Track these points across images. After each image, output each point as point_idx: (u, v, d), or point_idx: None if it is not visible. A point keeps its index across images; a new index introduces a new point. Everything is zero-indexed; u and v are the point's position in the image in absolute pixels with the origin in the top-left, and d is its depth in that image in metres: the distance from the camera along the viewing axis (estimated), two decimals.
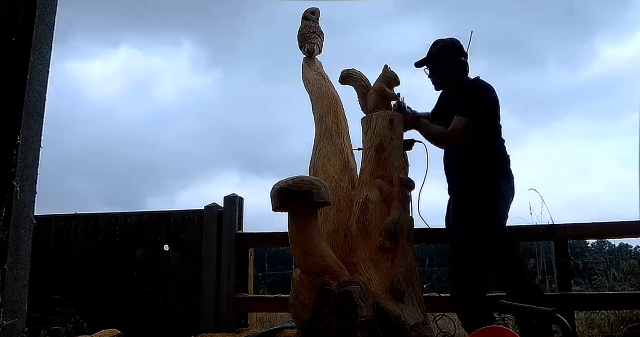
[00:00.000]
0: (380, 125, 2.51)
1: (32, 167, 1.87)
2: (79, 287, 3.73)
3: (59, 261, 3.82)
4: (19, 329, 1.78)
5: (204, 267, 3.46)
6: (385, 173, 2.42)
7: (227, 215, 3.48)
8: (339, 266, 2.08)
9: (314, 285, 1.95)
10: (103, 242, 3.80)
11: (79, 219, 3.89)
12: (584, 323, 3.37)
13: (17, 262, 1.78)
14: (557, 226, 2.98)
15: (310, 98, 2.93)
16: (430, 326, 2.28)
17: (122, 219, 3.81)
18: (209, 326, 3.31)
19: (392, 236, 2.26)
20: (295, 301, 2.00)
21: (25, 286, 1.84)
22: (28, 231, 1.84)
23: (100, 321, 3.60)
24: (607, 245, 6.01)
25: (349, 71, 2.84)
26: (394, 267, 2.21)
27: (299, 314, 1.98)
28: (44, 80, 1.95)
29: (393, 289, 2.14)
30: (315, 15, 3.07)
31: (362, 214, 2.35)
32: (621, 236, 3.10)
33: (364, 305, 1.96)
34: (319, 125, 2.78)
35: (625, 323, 3.12)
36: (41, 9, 1.95)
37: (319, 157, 2.65)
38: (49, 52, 1.97)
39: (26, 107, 1.86)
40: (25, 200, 1.82)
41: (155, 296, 3.62)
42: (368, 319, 1.95)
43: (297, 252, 1.99)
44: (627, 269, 4.19)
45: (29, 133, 1.87)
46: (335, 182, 2.55)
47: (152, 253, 3.70)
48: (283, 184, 1.93)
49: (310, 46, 3.00)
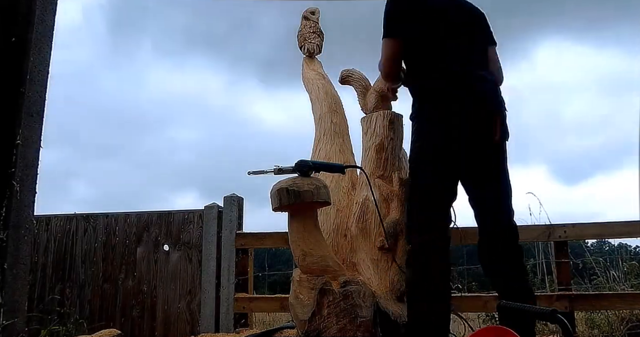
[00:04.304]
0: (380, 125, 2.51)
1: (32, 167, 1.87)
2: (79, 287, 3.73)
3: (59, 261, 3.82)
4: (19, 329, 1.78)
5: (204, 267, 3.46)
6: (385, 173, 2.42)
7: (227, 215, 3.48)
8: (339, 266, 2.08)
9: (314, 285, 1.95)
10: (103, 242, 3.80)
11: (79, 219, 3.89)
12: (584, 323, 3.37)
13: (17, 262, 1.78)
14: (557, 225, 2.99)
15: (310, 98, 2.93)
16: None
17: (122, 219, 3.81)
18: (209, 326, 3.32)
19: (392, 236, 2.26)
20: (295, 301, 2.00)
21: (25, 286, 1.84)
22: (28, 231, 1.84)
23: (100, 321, 3.61)
24: (607, 245, 6.01)
25: (349, 71, 2.84)
26: (394, 267, 2.21)
27: (299, 314, 1.97)
28: (44, 80, 1.95)
29: (393, 289, 2.15)
30: (315, 15, 3.07)
31: (362, 214, 2.35)
32: (621, 236, 3.10)
33: (364, 305, 1.96)
34: (319, 126, 2.78)
35: (625, 323, 3.12)
36: (41, 9, 1.95)
37: (318, 157, 2.65)
38: (49, 52, 1.98)
39: (26, 107, 1.86)
40: (25, 200, 1.83)
41: (155, 296, 3.62)
42: (368, 319, 1.95)
43: (297, 252, 1.99)
44: (627, 269, 4.18)
45: (29, 133, 1.87)
46: (335, 182, 2.56)
47: (152, 253, 3.70)
48: (283, 184, 1.93)
49: (311, 46, 3.00)
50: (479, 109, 1.98)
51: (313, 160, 2.43)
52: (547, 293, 3.16)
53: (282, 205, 1.93)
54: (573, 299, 2.88)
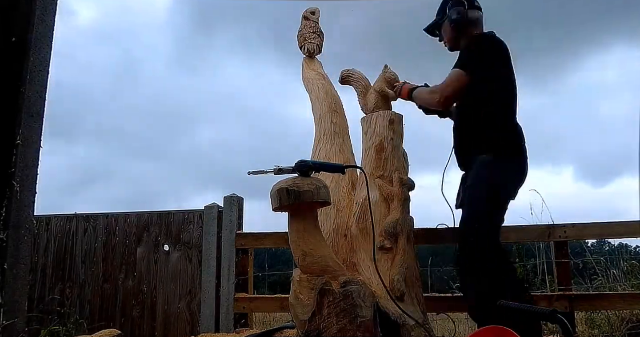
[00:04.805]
0: (380, 125, 2.51)
1: (32, 167, 1.87)
2: (79, 287, 3.73)
3: (59, 261, 3.82)
4: (19, 329, 1.78)
5: (204, 267, 3.46)
6: (385, 173, 2.42)
7: (227, 215, 3.48)
8: (339, 266, 2.08)
9: (314, 285, 1.95)
10: (103, 242, 3.80)
11: (79, 219, 3.89)
12: (584, 323, 3.38)
13: (17, 262, 1.78)
14: (557, 225, 2.99)
15: (310, 98, 2.93)
16: (430, 326, 2.28)
17: (122, 219, 3.81)
18: (209, 326, 3.32)
19: (392, 235, 2.26)
20: (295, 301, 2.00)
21: (25, 286, 1.84)
22: (28, 231, 1.84)
23: (100, 321, 3.61)
24: (607, 245, 6.00)
25: (349, 71, 2.85)
26: (394, 267, 2.21)
27: (299, 314, 1.97)
28: (44, 80, 1.95)
29: (393, 289, 2.15)
30: (315, 15, 3.07)
31: (362, 214, 2.35)
32: (621, 236, 3.10)
33: (364, 305, 1.96)
34: (319, 125, 2.78)
35: (625, 323, 3.12)
36: (41, 9, 1.95)
37: (318, 157, 2.65)
38: (49, 52, 1.97)
39: (26, 107, 1.86)
40: (25, 200, 1.83)
41: (155, 296, 3.62)
42: (368, 319, 1.95)
43: (297, 252, 1.99)
44: (627, 269, 4.18)
45: (29, 133, 1.87)
46: (335, 182, 2.56)
47: (152, 253, 3.70)
48: (283, 184, 1.93)
49: (311, 46, 3.00)
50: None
51: (313, 160, 2.43)
52: (547, 293, 3.16)
53: (282, 205, 1.93)
54: (573, 299, 2.88)
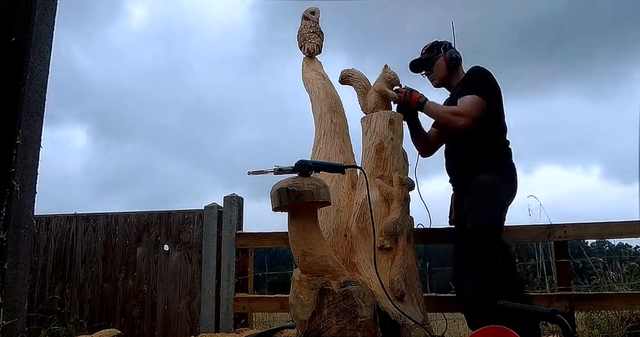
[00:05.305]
0: (380, 125, 2.51)
1: (32, 167, 1.87)
2: (79, 287, 3.73)
3: (59, 261, 3.82)
4: (19, 329, 1.78)
5: (204, 267, 3.46)
6: (385, 173, 2.42)
7: (227, 215, 3.48)
8: (339, 266, 2.08)
9: (314, 285, 1.95)
10: (103, 242, 3.80)
11: (79, 219, 3.89)
12: (584, 323, 3.38)
13: (17, 262, 1.78)
14: (557, 225, 2.99)
15: (310, 98, 2.93)
16: (430, 326, 2.28)
17: (122, 219, 3.81)
18: (209, 326, 3.32)
19: (392, 235, 2.26)
20: (295, 301, 2.00)
21: (25, 286, 1.84)
22: (28, 231, 1.84)
23: (100, 321, 3.61)
24: (607, 245, 6.01)
25: (349, 71, 2.84)
26: (394, 267, 2.21)
27: (299, 314, 1.98)
28: (44, 80, 1.94)
29: (393, 289, 2.15)
30: (315, 15, 3.07)
31: (362, 214, 2.35)
32: (621, 236, 3.10)
33: (364, 305, 1.96)
34: (319, 125, 2.78)
35: (625, 323, 3.12)
36: (41, 9, 1.95)
37: (318, 157, 2.65)
38: (49, 52, 1.97)
39: (26, 107, 1.85)
40: (25, 200, 1.82)
41: (155, 295, 3.62)
42: (368, 319, 1.95)
43: (297, 252, 1.99)
44: (627, 269, 4.19)
45: (29, 133, 1.86)
46: (335, 182, 2.55)
47: (152, 253, 3.70)
48: (283, 184, 1.93)
49: (311, 46, 3.00)
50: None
51: (313, 160, 2.43)
52: (547, 293, 3.16)
53: (282, 205, 1.92)
54: (573, 299, 2.88)
